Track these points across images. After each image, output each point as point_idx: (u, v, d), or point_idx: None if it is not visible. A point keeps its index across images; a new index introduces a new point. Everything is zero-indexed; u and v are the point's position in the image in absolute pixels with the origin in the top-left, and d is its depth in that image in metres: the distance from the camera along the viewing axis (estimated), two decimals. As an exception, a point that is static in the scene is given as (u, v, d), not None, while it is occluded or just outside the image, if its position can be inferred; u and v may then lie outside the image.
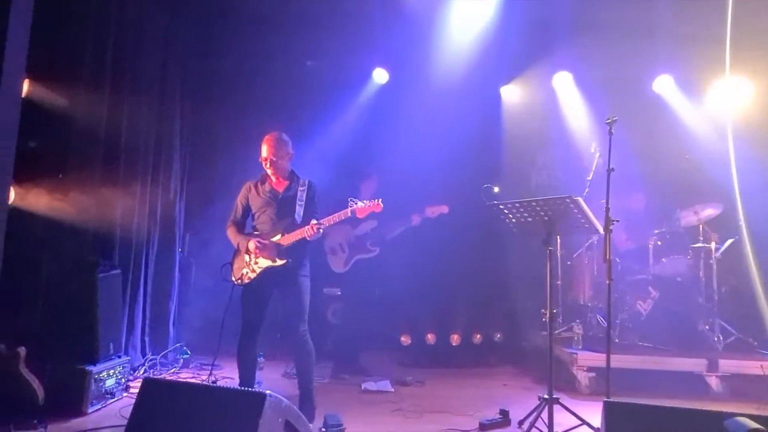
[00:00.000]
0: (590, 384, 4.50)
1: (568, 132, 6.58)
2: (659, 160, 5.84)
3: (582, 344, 4.83)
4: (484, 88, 6.49)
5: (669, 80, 6.39)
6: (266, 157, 3.65)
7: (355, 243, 5.09)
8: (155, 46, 5.05)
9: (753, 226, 5.07)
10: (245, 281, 3.62)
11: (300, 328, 3.61)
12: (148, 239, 4.96)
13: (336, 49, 6.30)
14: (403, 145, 6.21)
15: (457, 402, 4.18)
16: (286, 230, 3.59)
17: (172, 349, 5.10)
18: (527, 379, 5.02)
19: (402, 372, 5.06)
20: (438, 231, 5.58)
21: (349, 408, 3.90)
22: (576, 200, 3.07)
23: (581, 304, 5.41)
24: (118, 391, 3.98)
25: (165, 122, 5.23)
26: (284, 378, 4.81)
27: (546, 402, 3.24)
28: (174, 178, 5.42)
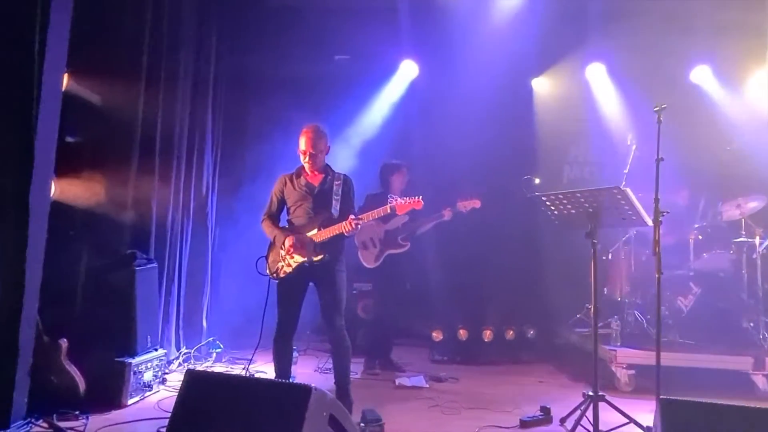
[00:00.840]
0: (630, 381, 4.39)
1: (601, 125, 6.45)
2: (699, 153, 5.67)
3: (620, 341, 4.71)
4: (515, 80, 6.38)
5: (707, 71, 6.21)
6: (305, 150, 3.61)
7: (386, 238, 5.04)
8: (189, 40, 5.06)
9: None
10: (281, 275, 3.60)
11: (337, 323, 3.58)
12: (182, 233, 4.99)
13: (364, 43, 6.27)
14: (434, 138, 6.17)
15: (493, 398, 4.12)
16: (323, 225, 3.55)
17: (205, 343, 5.12)
18: (563, 376, 4.93)
19: (433, 368, 5.01)
20: (469, 225, 5.52)
21: (385, 403, 3.87)
22: (624, 191, 2.98)
23: (618, 300, 5.28)
24: (155, 383, 4.01)
25: (198, 117, 5.25)
26: (317, 373, 4.80)
27: (591, 399, 3.15)
28: (206, 172, 5.45)
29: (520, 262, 5.99)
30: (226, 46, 5.84)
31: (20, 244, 2.96)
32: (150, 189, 4.43)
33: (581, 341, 5.20)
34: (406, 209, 3.55)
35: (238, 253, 5.64)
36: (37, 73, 3.10)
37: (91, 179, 4.07)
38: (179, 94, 4.87)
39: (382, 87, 6.54)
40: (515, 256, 5.98)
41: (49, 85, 3.17)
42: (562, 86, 6.60)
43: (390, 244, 5.01)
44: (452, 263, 5.82)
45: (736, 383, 4.28)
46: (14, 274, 2.98)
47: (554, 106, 6.55)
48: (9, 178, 3.03)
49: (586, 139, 6.71)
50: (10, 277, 2.98)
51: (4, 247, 2.99)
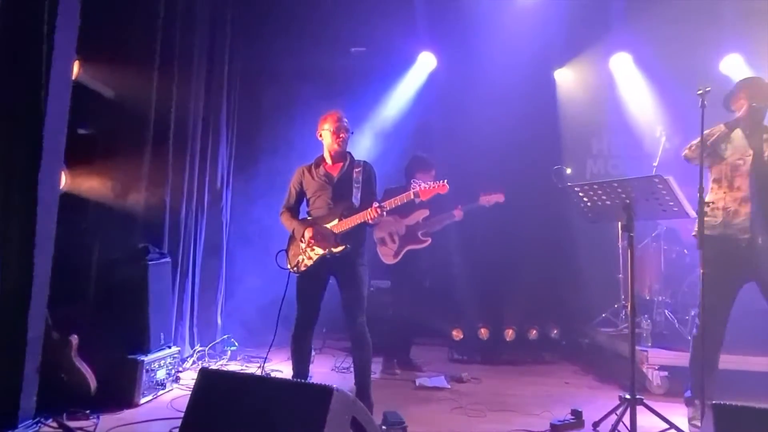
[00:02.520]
0: (663, 384, 4.18)
1: (626, 117, 6.23)
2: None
3: (651, 341, 4.51)
4: (537, 72, 6.19)
5: (738, 59, 5.95)
6: (337, 127, 3.50)
7: (405, 233, 4.87)
8: (203, 31, 4.93)
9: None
10: (301, 269, 3.45)
11: (358, 320, 3.43)
12: (196, 228, 4.87)
13: (381, 35, 6.13)
14: (454, 131, 6.00)
15: (518, 401, 3.94)
16: (344, 215, 3.41)
17: (219, 341, 4.99)
18: (590, 378, 4.73)
19: (454, 368, 4.84)
20: (491, 221, 5.33)
21: (406, 404, 3.71)
22: (666, 180, 2.78)
23: (647, 298, 5.07)
24: (168, 382, 3.88)
25: (212, 109, 5.13)
26: (334, 372, 4.66)
27: (628, 402, 2.96)
28: (221, 165, 5.33)
29: (543, 259, 5.80)
30: (241, 38, 5.72)
31: (28, 236, 2.84)
32: (163, 182, 4.31)
33: (608, 341, 5.00)
34: (430, 194, 3.39)
35: (254, 249, 5.53)
36: (45, 59, 2.99)
37: (104, 171, 3.97)
38: (193, 86, 4.74)
39: (400, 79, 6.40)
40: (538, 253, 5.79)
41: (58, 71, 3.05)
42: (585, 78, 6.39)
43: (410, 239, 4.85)
44: (473, 260, 5.65)
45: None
46: (22, 267, 2.86)
47: (578, 98, 6.35)
48: (17, 168, 2.92)
49: (610, 132, 6.50)
50: (18, 271, 2.87)
51: (12, 239, 2.87)
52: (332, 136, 3.52)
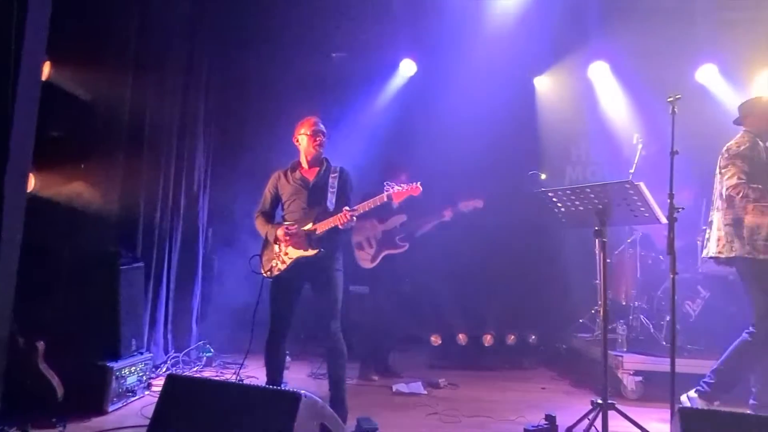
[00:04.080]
0: (637, 389, 4.21)
1: (604, 124, 6.31)
2: (706, 153, 5.51)
3: (627, 346, 4.54)
4: (517, 79, 6.25)
5: (713, 69, 6.07)
6: (314, 131, 3.50)
7: (383, 238, 4.87)
8: (181, 34, 4.90)
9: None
10: (275, 273, 3.42)
11: (332, 326, 3.40)
12: (171, 233, 4.81)
13: (362, 41, 6.14)
14: (434, 137, 6.00)
15: (495, 406, 3.93)
16: (318, 218, 3.39)
17: (195, 347, 4.93)
18: (566, 383, 4.75)
19: (432, 374, 4.82)
20: (469, 227, 5.35)
21: (382, 411, 3.68)
22: (637, 185, 2.81)
23: (623, 304, 5.11)
24: (139, 389, 3.81)
25: (189, 113, 5.08)
26: (311, 378, 4.62)
27: (600, 407, 2.96)
28: (198, 170, 5.28)
29: (521, 265, 5.82)
30: (220, 44, 5.68)
31: (-8, 239, 2.77)
32: (137, 186, 4.26)
33: (585, 347, 5.03)
34: (403, 196, 3.38)
35: (232, 254, 5.48)
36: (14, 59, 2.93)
37: (76, 174, 3.90)
38: (169, 90, 4.70)
39: (381, 85, 6.40)
40: (516, 259, 5.81)
41: (27, 72, 2.99)
42: (564, 85, 6.45)
43: (387, 244, 4.84)
44: (451, 265, 5.65)
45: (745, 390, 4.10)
46: (-14, 271, 2.78)
47: (557, 106, 6.41)
48: (-18, 169, 2.84)
49: (589, 139, 6.57)
50: (-18, 275, 2.79)
51: (-25, 242, 2.80)
52: (308, 140, 3.52)
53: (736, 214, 3.58)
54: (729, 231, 3.61)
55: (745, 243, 3.51)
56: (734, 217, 3.58)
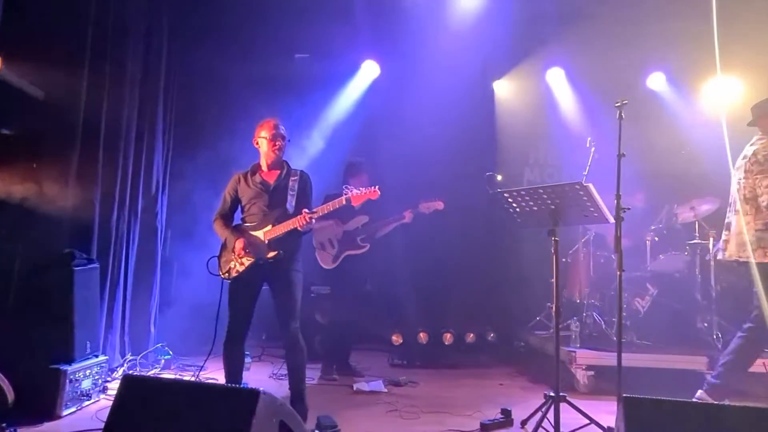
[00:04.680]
0: (589, 383, 4.37)
1: (561, 128, 6.50)
2: (656, 157, 5.77)
3: (580, 342, 4.70)
4: (477, 82, 6.39)
5: (662, 77, 6.36)
6: (273, 135, 3.49)
7: (344, 239, 4.90)
8: (139, 29, 4.81)
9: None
10: (233, 275, 3.41)
11: (291, 326, 3.42)
12: (129, 233, 4.72)
13: (325, 42, 6.15)
14: (396, 139, 6.07)
15: (453, 402, 4.02)
16: (277, 221, 3.40)
17: (152, 349, 4.84)
18: (523, 379, 4.88)
19: (393, 372, 4.89)
20: (430, 228, 5.44)
21: (342, 409, 3.71)
22: (586, 187, 2.94)
23: (577, 302, 5.29)
24: (94, 392, 3.73)
25: (147, 113, 4.99)
26: (272, 379, 4.61)
27: (552, 400, 3.08)
28: (156, 170, 5.19)
29: (480, 265, 5.96)
30: (180, 43, 5.59)
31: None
32: (92, 186, 4.16)
33: (541, 343, 5.18)
34: (362, 199, 3.43)
35: (191, 256, 5.40)
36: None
37: (28, 174, 3.80)
38: (126, 90, 4.60)
39: (343, 87, 6.43)
40: (476, 259, 5.95)
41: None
42: (523, 89, 6.64)
43: (349, 245, 4.87)
44: (412, 266, 5.73)
45: (692, 383, 4.31)
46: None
47: (515, 109, 6.59)
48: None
49: (547, 141, 6.77)
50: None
51: None
52: (268, 143, 3.52)
53: (766, 218, 3.57)
54: (760, 236, 3.56)
55: None
56: (765, 221, 3.57)
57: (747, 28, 5.21)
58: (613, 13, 5.81)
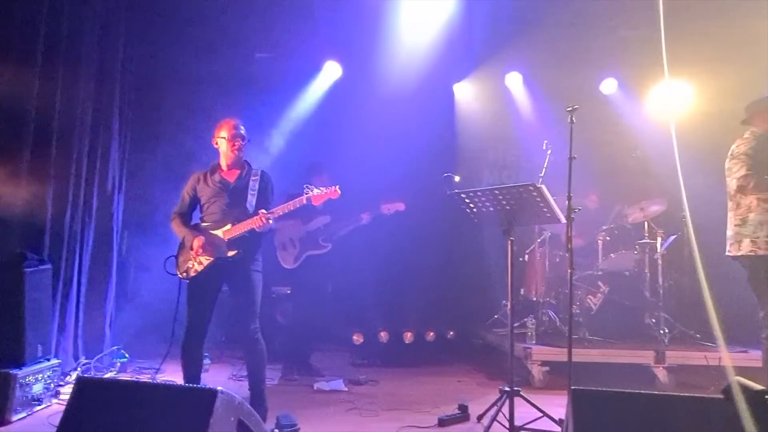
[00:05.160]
0: (543, 378, 4.51)
1: (520, 131, 6.67)
2: (609, 159, 5.99)
3: (536, 339, 4.84)
4: (438, 84, 6.47)
5: (614, 83, 6.59)
6: (234, 135, 3.46)
7: (306, 238, 4.91)
8: (95, 22, 4.69)
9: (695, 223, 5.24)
10: (191, 275, 3.38)
11: (251, 326, 3.41)
12: (83, 234, 4.60)
13: (286, 42, 6.13)
14: (357, 140, 6.10)
15: (412, 399, 4.09)
16: (237, 220, 3.39)
17: (108, 353, 4.74)
18: (481, 375, 4.99)
19: (355, 371, 4.92)
20: (390, 228, 5.49)
21: (302, 408, 3.73)
22: (539, 188, 3.04)
23: (533, 300, 5.44)
24: (46, 397, 3.64)
25: (103, 111, 4.88)
26: (231, 380, 4.58)
27: (506, 395, 3.17)
28: (112, 169, 5.07)
29: (440, 265, 6.05)
30: (138, 39, 5.49)
31: None
32: (44, 185, 4.04)
33: (498, 341, 5.31)
34: (322, 199, 3.46)
35: (149, 256, 5.32)
36: None
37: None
38: (81, 86, 4.48)
39: (305, 87, 6.42)
40: (436, 259, 6.03)
41: None
42: (483, 93, 6.76)
43: (310, 244, 4.89)
44: (374, 266, 5.77)
45: (640, 376, 4.51)
46: None
47: (475, 112, 6.71)
48: None
49: (505, 144, 6.92)
50: None
51: None
52: (228, 143, 3.50)
53: (743, 214, 3.66)
54: (737, 231, 3.68)
55: (749, 240, 3.60)
56: (742, 217, 3.66)
57: (694, 34, 5.45)
58: (567, 21, 6.00)
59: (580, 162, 3.74)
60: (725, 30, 5.48)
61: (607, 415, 2.31)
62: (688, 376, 4.55)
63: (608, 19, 5.83)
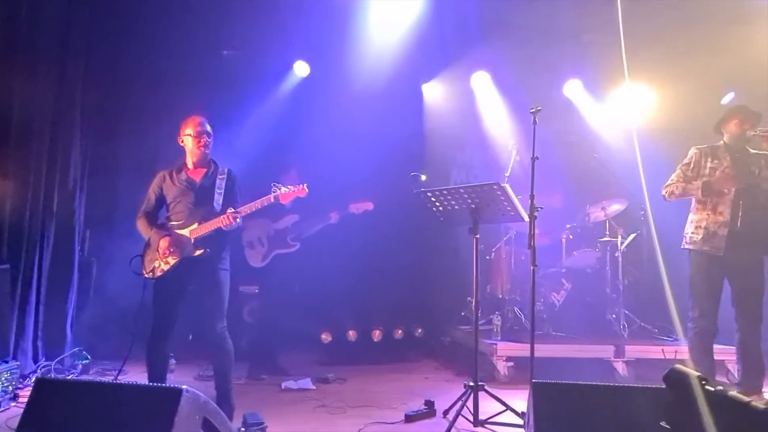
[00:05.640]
0: (508, 373, 4.60)
1: (487, 131, 6.77)
2: (573, 160, 6.14)
3: (501, 335, 4.94)
4: (406, 84, 6.53)
5: (578, 84, 6.75)
6: (200, 132, 3.44)
7: (274, 237, 4.91)
8: (53, 25, 4.58)
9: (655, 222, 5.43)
10: (158, 274, 3.34)
11: (218, 325, 3.38)
12: (43, 234, 4.49)
13: (255, 40, 6.09)
14: (325, 139, 6.10)
15: (380, 396, 4.12)
16: (204, 219, 3.36)
17: (69, 354, 4.63)
18: (448, 372, 5.07)
19: (323, 370, 4.92)
20: (359, 228, 5.52)
21: (270, 407, 3.73)
22: (503, 187, 3.12)
23: (499, 297, 5.55)
24: (4, 400, 3.55)
25: (64, 105, 4.77)
26: (197, 381, 4.54)
27: (471, 389, 3.24)
28: (73, 167, 4.95)
29: (409, 263, 6.10)
30: (101, 28, 5.34)
31: None
32: (3, 183, 3.94)
33: (465, 338, 5.39)
34: (290, 198, 3.46)
35: (112, 256, 5.21)
36: None
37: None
38: (40, 82, 4.38)
39: (274, 85, 6.40)
40: (405, 257, 6.08)
41: None
42: (451, 93, 6.84)
43: (278, 243, 4.88)
44: (342, 264, 5.78)
45: (601, 370, 4.65)
46: None
47: (443, 112, 6.79)
48: None
49: (472, 144, 7.02)
50: None
51: None
52: (193, 140, 3.47)
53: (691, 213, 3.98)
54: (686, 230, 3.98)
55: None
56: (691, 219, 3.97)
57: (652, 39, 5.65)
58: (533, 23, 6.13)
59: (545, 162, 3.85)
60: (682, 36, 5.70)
61: (566, 406, 2.40)
62: (646, 369, 4.70)
63: (572, 23, 5.98)
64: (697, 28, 5.59)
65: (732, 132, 3.83)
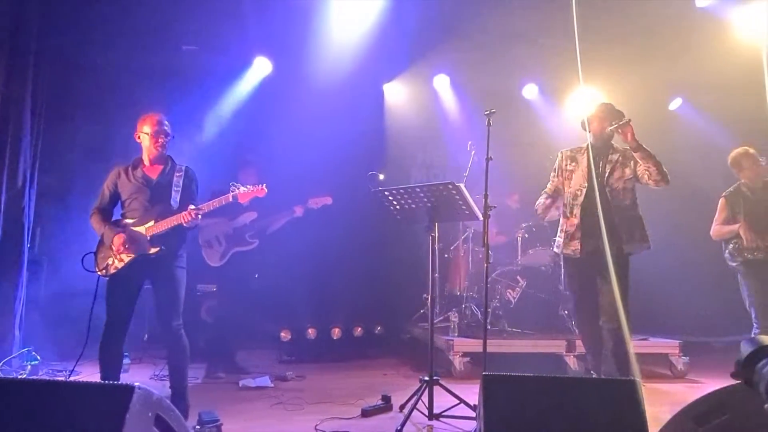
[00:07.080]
0: (465, 368, 4.71)
1: (447, 132, 6.89)
2: (530, 161, 6.30)
3: (458, 332, 5.04)
4: (367, 83, 6.57)
5: (535, 88, 6.94)
6: (158, 131, 3.39)
7: (232, 235, 4.87)
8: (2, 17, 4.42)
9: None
10: (111, 271, 3.29)
11: (174, 322, 3.34)
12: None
13: (214, 35, 6.02)
14: (286, 136, 6.10)
15: (338, 393, 4.16)
16: (160, 216, 3.32)
17: (17, 355, 4.49)
18: (406, 368, 5.14)
19: (281, 368, 4.94)
20: (317, 224, 5.53)
21: (227, 405, 3.71)
22: (458, 186, 3.19)
23: (457, 294, 5.66)
24: (-54, 403, 3.40)
25: (13, 99, 4.62)
26: (153, 380, 4.47)
27: (427, 383, 3.31)
28: (23, 162, 4.80)
29: (368, 261, 6.16)
30: (52, 19, 5.18)
31: None
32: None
33: (424, 334, 5.44)
34: (248, 197, 3.46)
35: (63, 253, 5.09)
36: None
37: None
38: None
39: (234, 81, 6.35)
40: (364, 255, 6.13)
41: None
42: (412, 93, 6.95)
43: (237, 241, 4.85)
44: (301, 262, 5.80)
45: (553, 365, 4.80)
46: None
47: (404, 112, 6.88)
48: None
49: (434, 144, 7.14)
50: None
51: None
52: (151, 139, 3.42)
53: None
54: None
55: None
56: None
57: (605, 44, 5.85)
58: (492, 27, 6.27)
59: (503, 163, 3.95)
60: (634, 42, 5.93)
61: (515, 398, 2.48)
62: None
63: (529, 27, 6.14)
64: (647, 35, 5.83)
65: (594, 131, 3.87)
